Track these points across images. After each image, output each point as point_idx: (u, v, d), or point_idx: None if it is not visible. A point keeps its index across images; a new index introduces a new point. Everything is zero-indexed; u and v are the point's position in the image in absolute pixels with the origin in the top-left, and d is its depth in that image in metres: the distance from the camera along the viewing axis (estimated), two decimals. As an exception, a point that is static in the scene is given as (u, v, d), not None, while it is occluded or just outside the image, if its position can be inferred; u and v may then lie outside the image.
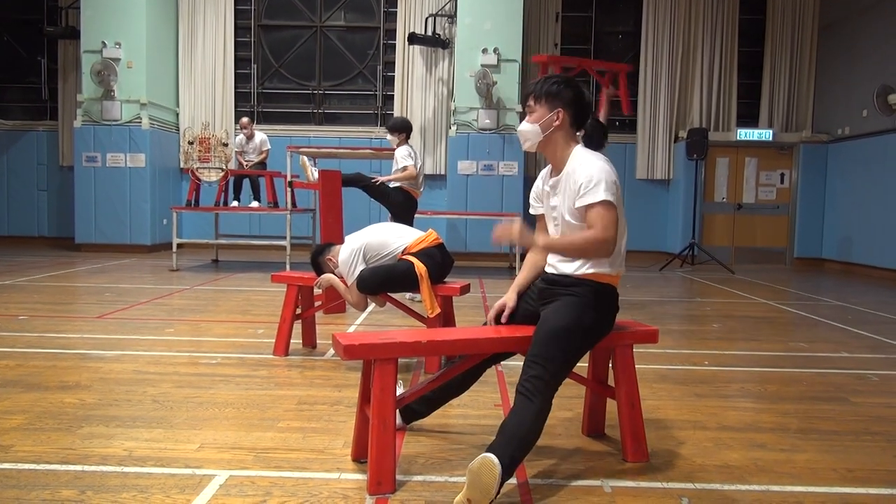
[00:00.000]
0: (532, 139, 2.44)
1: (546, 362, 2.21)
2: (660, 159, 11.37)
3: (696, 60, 11.22)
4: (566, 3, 11.48)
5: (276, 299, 5.99)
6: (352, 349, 2.20)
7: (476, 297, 6.59)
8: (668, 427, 2.89)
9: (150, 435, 2.63)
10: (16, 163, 11.70)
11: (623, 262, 2.45)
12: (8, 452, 2.42)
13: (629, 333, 2.53)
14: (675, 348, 4.52)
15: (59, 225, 11.59)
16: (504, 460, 2.00)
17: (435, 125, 11.23)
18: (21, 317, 5.05)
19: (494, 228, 2.42)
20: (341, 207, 5.75)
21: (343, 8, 11.69)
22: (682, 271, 9.82)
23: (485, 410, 3.06)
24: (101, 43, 10.22)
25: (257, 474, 2.29)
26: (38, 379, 3.39)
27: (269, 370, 3.70)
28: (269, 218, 10.84)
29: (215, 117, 11.32)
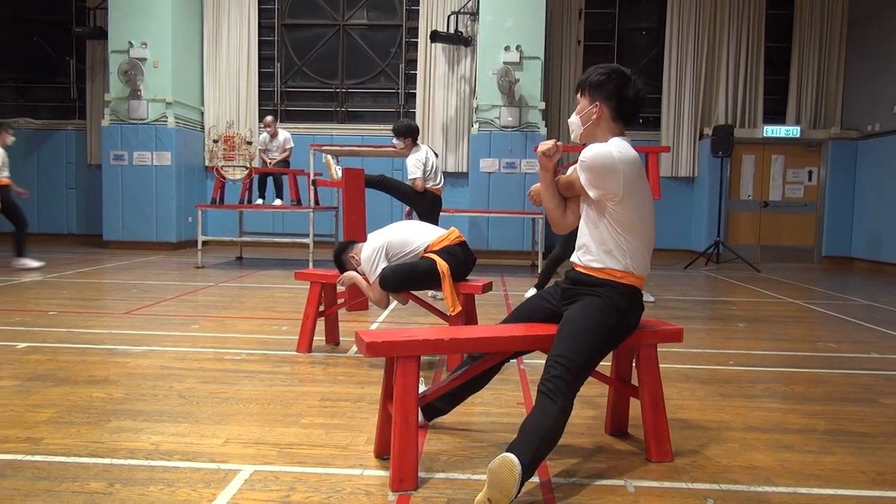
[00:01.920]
0: (575, 130, 2.49)
1: (568, 362, 2.19)
2: (684, 157, 11.25)
3: (722, 56, 11.07)
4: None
5: (300, 296, 6.03)
6: (374, 346, 2.21)
7: (498, 295, 6.58)
8: (693, 427, 2.87)
9: (177, 429, 2.67)
10: (45, 161, 11.92)
11: (648, 263, 2.44)
12: (39, 445, 2.47)
13: (653, 332, 2.51)
14: (699, 348, 4.48)
15: (87, 222, 11.79)
16: (524, 460, 1.99)
17: (457, 123, 11.23)
18: (51, 312, 5.14)
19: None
20: (364, 205, 5.77)
21: (365, 6, 11.73)
22: (707, 270, 9.71)
23: (507, 408, 3.06)
24: (128, 43, 10.37)
25: (281, 469, 2.31)
26: (67, 373, 3.46)
27: (293, 367, 3.73)
28: (292, 216, 10.93)
29: (239, 116, 11.43)
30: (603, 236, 2.38)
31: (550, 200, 2.53)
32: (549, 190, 2.52)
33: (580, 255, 2.46)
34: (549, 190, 2.52)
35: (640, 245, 2.39)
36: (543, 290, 2.64)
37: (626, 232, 2.36)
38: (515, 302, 6.11)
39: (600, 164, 2.31)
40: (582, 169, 2.36)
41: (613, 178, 2.31)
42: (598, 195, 2.34)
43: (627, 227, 2.35)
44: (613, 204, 2.33)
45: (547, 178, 2.51)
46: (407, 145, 6.33)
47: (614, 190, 2.31)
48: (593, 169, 2.33)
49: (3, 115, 11.94)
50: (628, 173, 2.32)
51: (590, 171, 2.33)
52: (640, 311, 2.44)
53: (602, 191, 2.32)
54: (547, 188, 2.52)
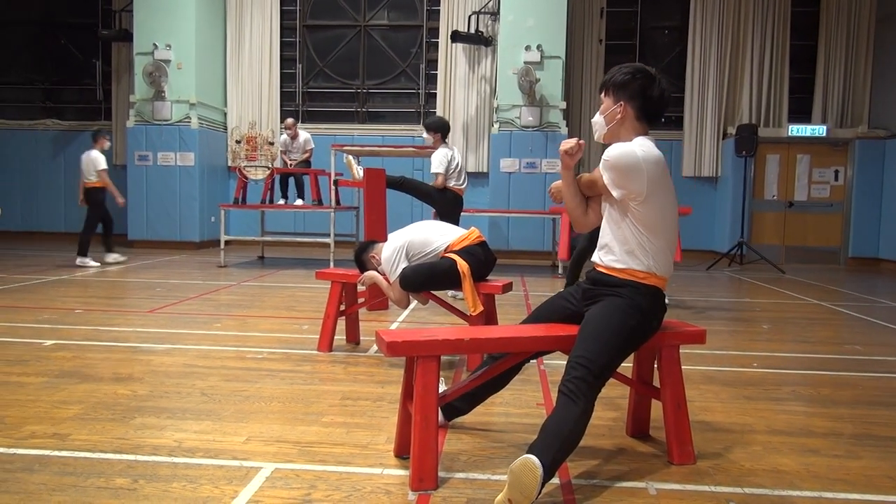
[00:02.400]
0: (599, 130, 2.48)
1: (590, 363, 2.18)
2: (707, 156, 11.13)
3: (746, 55, 10.93)
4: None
5: (320, 296, 6.07)
6: (395, 346, 2.22)
7: (518, 296, 6.56)
8: (716, 430, 2.83)
9: (199, 427, 2.70)
10: (72, 162, 12.07)
11: (671, 264, 2.41)
12: (65, 441, 2.51)
13: (675, 334, 2.49)
14: (722, 349, 4.42)
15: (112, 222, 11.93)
16: (545, 461, 1.98)
17: (477, 123, 11.22)
18: (77, 310, 5.23)
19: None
20: (385, 205, 5.80)
21: (386, 7, 11.76)
22: (730, 271, 9.60)
23: (527, 409, 3.05)
24: (153, 45, 10.50)
25: (302, 468, 2.32)
26: (93, 371, 3.51)
27: (314, 365, 3.75)
28: (313, 216, 10.99)
29: (262, 116, 11.52)
30: (625, 236, 2.36)
31: (572, 199, 2.52)
32: (571, 189, 2.51)
33: (602, 255, 2.44)
34: (570, 188, 2.51)
35: (664, 245, 2.37)
36: (564, 291, 2.63)
37: (650, 232, 2.33)
38: (535, 302, 6.09)
39: (624, 164, 2.30)
40: (605, 168, 2.34)
41: (637, 177, 2.29)
42: (621, 195, 2.32)
43: (651, 228, 2.33)
44: (637, 204, 2.31)
45: (569, 177, 2.50)
46: (436, 140, 6.39)
47: (638, 190, 2.29)
48: (617, 168, 2.31)
49: (32, 115, 12.18)
50: (652, 173, 2.30)
51: (613, 170, 2.32)
52: (662, 313, 2.41)
53: (625, 190, 2.31)
54: (569, 187, 2.51)
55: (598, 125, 2.47)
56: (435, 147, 6.41)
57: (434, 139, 6.41)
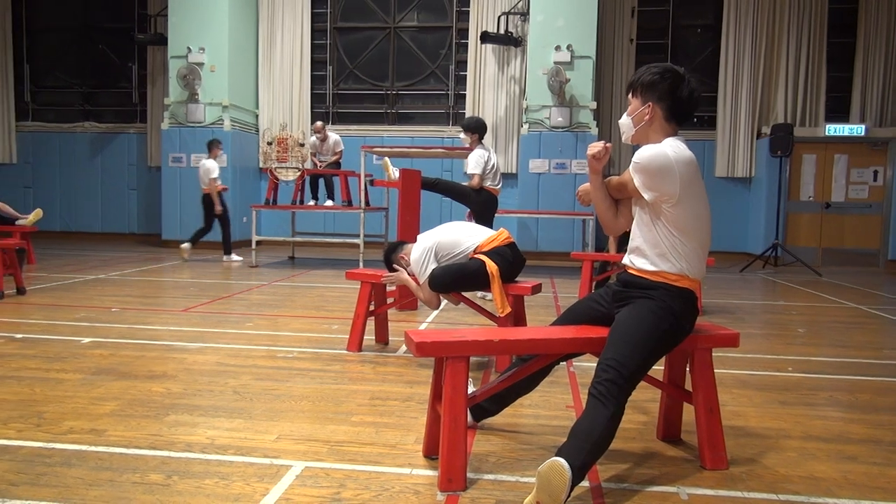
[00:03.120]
0: (626, 132, 2.44)
1: (620, 366, 2.16)
2: (741, 156, 10.95)
3: (781, 53, 10.72)
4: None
5: (350, 296, 6.11)
6: (424, 346, 2.22)
7: (547, 297, 6.52)
8: (749, 435, 2.78)
9: (231, 424, 2.74)
10: (109, 163, 12.39)
11: (704, 266, 2.38)
12: (101, 436, 2.57)
13: (708, 337, 2.45)
14: (756, 353, 4.34)
15: (147, 222, 12.20)
16: (575, 464, 1.97)
17: (507, 124, 11.19)
18: (113, 309, 5.34)
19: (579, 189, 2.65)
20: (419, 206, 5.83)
21: (416, 8, 11.80)
22: (765, 273, 9.42)
23: (556, 411, 3.03)
24: (187, 48, 10.69)
25: (331, 466, 2.34)
26: (128, 368, 3.58)
27: (343, 365, 3.78)
28: (343, 216, 11.08)
29: (292, 118, 11.65)
30: (657, 239, 2.33)
31: (601, 203, 2.49)
32: (600, 192, 2.49)
33: (633, 258, 2.41)
34: (599, 192, 2.49)
35: (697, 247, 2.33)
36: (594, 293, 2.61)
37: (682, 234, 2.30)
38: (565, 304, 6.05)
39: (655, 166, 2.27)
40: (636, 171, 2.31)
41: (669, 179, 2.26)
42: (653, 197, 2.29)
43: (683, 229, 2.30)
44: (669, 206, 2.28)
45: (597, 181, 2.48)
46: (473, 140, 6.40)
47: (670, 191, 2.26)
48: (648, 170, 2.28)
49: (70, 118, 12.48)
50: (685, 174, 2.27)
51: (644, 172, 2.29)
52: (694, 315, 2.38)
53: (657, 193, 2.28)
54: (597, 191, 2.49)
55: (626, 127, 2.44)
56: (472, 148, 6.42)
57: (471, 139, 6.42)
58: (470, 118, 6.77)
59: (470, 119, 6.71)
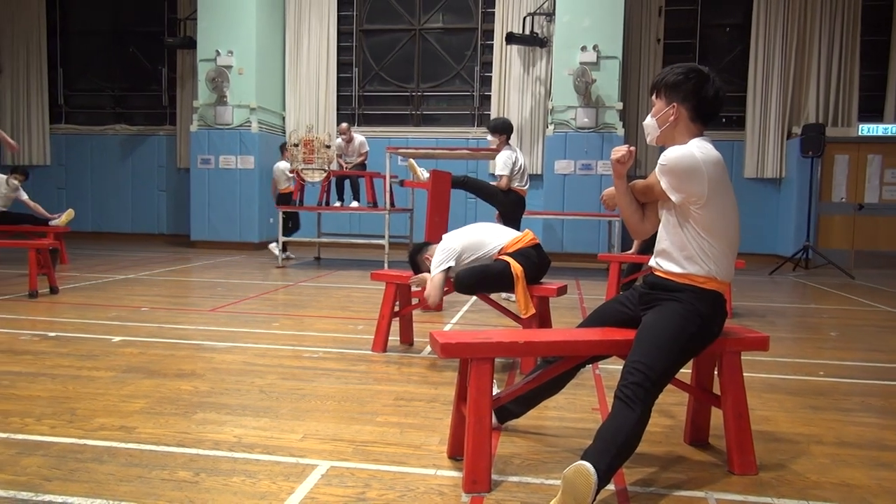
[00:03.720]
0: (651, 133, 2.42)
1: (647, 369, 2.14)
2: (770, 157, 10.78)
3: (813, 51, 10.53)
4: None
5: (375, 296, 6.14)
6: (449, 348, 2.22)
7: (573, 299, 6.49)
8: (779, 440, 2.74)
9: (258, 423, 2.76)
10: (139, 165, 12.61)
11: (732, 268, 2.34)
12: (131, 433, 2.61)
13: (737, 340, 2.41)
14: (786, 357, 4.27)
15: (176, 223, 12.39)
16: (600, 467, 1.95)
17: (532, 125, 11.16)
18: (143, 308, 5.43)
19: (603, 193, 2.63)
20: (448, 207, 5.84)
21: (441, 10, 11.82)
22: (795, 275, 9.26)
23: (582, 414, 3.01)
24: (216, 52, 10.84)
25: (356, 466, 2.35)
26: (158, 366, 3.64)
27: (368, 365, 3.79)
28: (368, 217, 11.13)
29: (318, 120, 11.74)
30: (684, 241, 2.30)
31: (627, 207, 2.47)
32: (626, 196, 2.46)
33: (659, 261, 2.39)
34: (625, 196, 2.46)
35: (726, 249, 2.30)
36: (621, 295, 2.59)
37: (711, 236, 2.27)
38: (590, 306, 6.01)
39: (683, 167, 2.24)
40: (662, 173, 2.29)
41: (697, 180, 2.23)
42: (680, 199, 2.26)
43: (712, 231, 2.27)
44: (697, 207, 2.26)
45: (622, 185, 2.45)
46: (501, 142, 6.40)
47: (699, 192, 2.24)
48: (675, 172, 2.25)
49: (102, 121, 12.73)
50: (713, 174, 2.24)
51: (671, 174, 2.26)
52: (723, 318, 2.35)
53: (685, 194, 2.25)
54: (623, 195, 2.47)
55: (651, 128, 2.42)
56: (499, 149, 6.41)
57: (499, 141, 6.41)
58: (496, 119, 6.76)
59: (497, 120, 6.70)
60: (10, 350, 3.93)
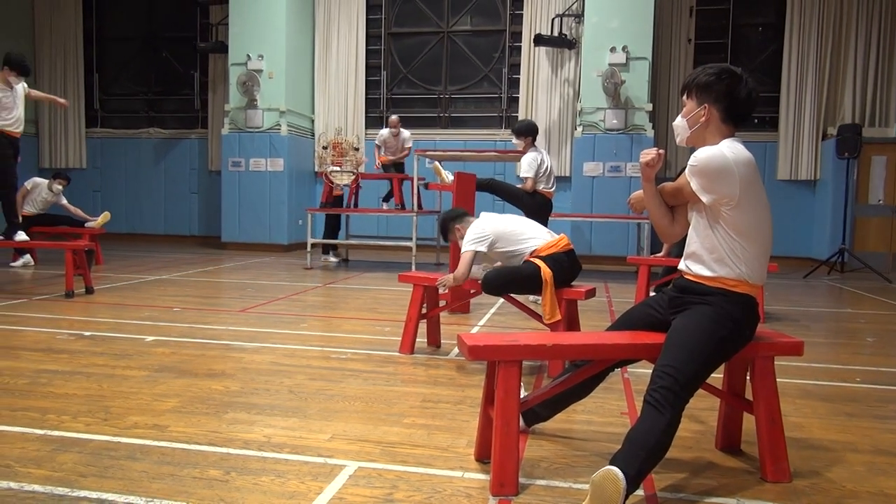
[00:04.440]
0: (681, 134, 2.40)
1: (677, 373, 2.11)
2: (805, 158, 10.57)
3: (849, 50, 10.30)
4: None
5: (402, 298, 6.15)
6: (476, 350, 2.22)
7: (601, 302, 6.43)
8: (814, 447, 2.68)
9: (287, 423, 2.79)
10: (172, 168, 12.83)
11: (765, 271, 2.30)
12: (164, 432, 2.65)
13: (770, 345, 2.37)
14: (821, 362, 4.18)
15: (207, 225, 12.57)
16: (629, 472, 1.93)
17: (560, 126, 11.10)
18: (175, 308, 5.52)
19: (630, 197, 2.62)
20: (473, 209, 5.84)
21: (469, 12, 11.83)
22: (830, 279, 9.06)
23: (610, 418, 2.98)
24: (246, 56, 10.98)
25: (384, 467, 2.36)
26: (189, 366, 3.69)
27: (395, 367, 3.81)
28: (395, 219, 11.17)
29: (347, 123, 11.82)
30: (714, 244, 2.27)
31: (657, 210, 2.45)
32: (655, 200, 2.44)
33: (689, 264, 2.36)
34: (654, 200, 2.44)
35: (758, 251, 2.26)
36: (650, 298, 2.56)
37: (743, 238, 2.24)
38: (619, 309, 5.96)
39: (714, 168, 2.21)
40: (693, 174, 2.26)
41: (729, 181, 2.20)
42: (711, 200, 2.23)
43: (744, 233, 2.24)
44: (728, 209, 2.22)
45: (650, 189, 2.43)
46: (526, 143, 6.39)
47: (730, 193, 2.20)
48: (705, 173, 2.23)
49: (136, 125, 12.99)
50: (744, 175, 2.21)
51: (702, 175, 2.24)
52: (755, 322, 2.31)
53: (716, 195, 2.22)
54: (652, 198, 2.44)
55: (681, 129, 2.39)
56: (524, 151, 6.40)
57: (524, 143, 6.40)
58: (521, 122, 6.74)
59: (521, 123, 6.68)
60: (48, 349, 4.03)
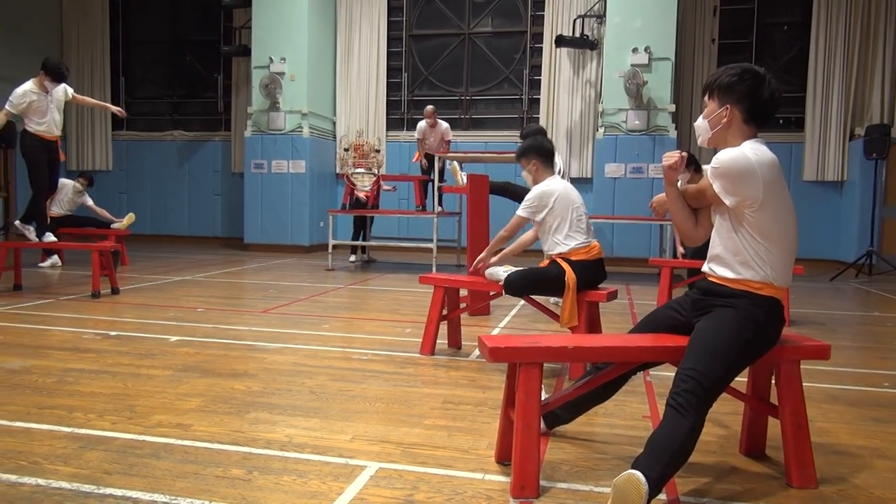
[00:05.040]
0: (703, 135, 2.38)
1: (701, 376, 2.09)
2: (831, 159, 10.40)
3: (878, 48, 10.12)
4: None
5: (423, 300, 6.16)
6: (497, 352, 2.21)
7: (623, 304, 6.39)
8: (841, 452, 2.63)
9: (308, 424, 2.81)
10: (196, 170, 12.98)
11: (790, 274, 2.27)
12: (188, 431, 2.68)
13: (795, 348, 2.34)
14: (848, 366, 4.11)
15: (230, 226, 12.69)
16: (652, 476, 1.91)
17: (581, 127, 11.05)
18: (199, 309, 5.58)
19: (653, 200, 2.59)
20: (488, 211, 5.84)
21: (491, 14, 11.82)
22: (857, 282, 8.91)
23: (632, 421, 2.96)
24: (269, 59, 11.08)
25: (404, 468, 2.37)
26: (212, 366, 3.73)
27: (416, 368, 3.81)
28: (416, 221, 11.19)
29: (368, 125, 11.87)
30: (738, 246, 2.24)
31: (680, 213, 2.42)
32: (678, 203, 2.42)
33: (713, 266, 2.34)
34: (677, 203, 2.42)
35: (783, 254, 2.23)
36: (672, 301, 2.54)
37: (767, 240, 2.21)
38: (641, 312, 5.91)
39: (736, 170, 2.19)
40: (715, 176, 2.24)
41: (751, 182, 2.17)
42: (734, 202, 2.21)
43: (768, 235, 2.21)
44: (752, 210, 2.20)
45: (673, 192, 2.41)
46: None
47: (753, 195, 2.18)
48: (728, 175, 2.20)
49: (161, 127, 13.16)
50: (768, 176, 2.18)
51: (724, 177, 2.21)
52: (780, 325, 2.28)
53: (739, 197, 2.19)
54: (675, 201, 2.42)
55: (702, 130, 2.37)
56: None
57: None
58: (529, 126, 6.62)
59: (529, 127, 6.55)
60: (75, 348, 4.10)
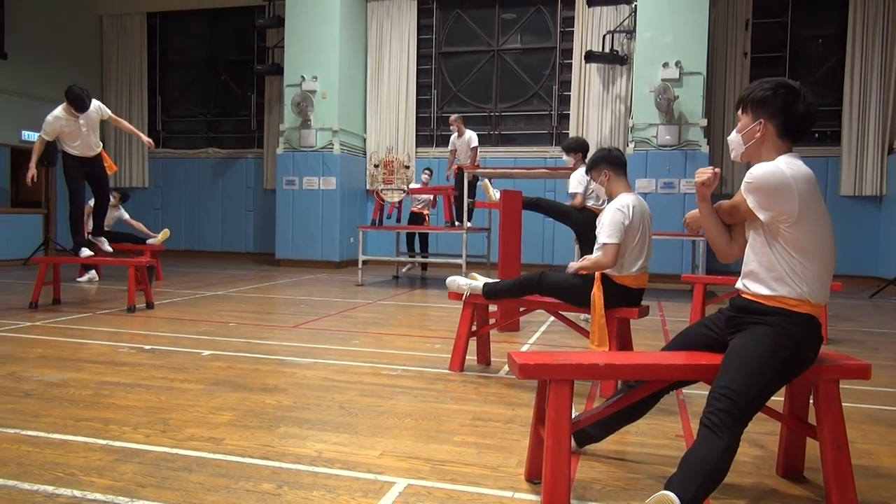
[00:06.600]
0: (736, 149, 2.35)
1: (736, 395, 2.04)
2: (870, 173, 10.17)
3: (916, 61, 9.91)
4: (757, 8, 10.72)
5: (452, 315, 6.15)
6: (527, 368, 2.20)
7: (655, 321, 6.30)
8: (883, 475, 2.55)
9: (338, 439, 2.82)
10: (229, 187, 13.22)
11: (827, 291, 2.22)
12: (219, 444, 2.71)
13: (834, 367, 2.28)
14: (890, 386, 3.99)
15: (262, 242, 12.87)
16: (685, 497, 1.87)
17: (611, 143, 10.98)
18: (231, 324, 5.65)
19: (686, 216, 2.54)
20: (520, 227, 5.83)
21: (520, 31, 11.87)
22: (898, 299, 8.66)
23: (665, 440, 2.91)
24: (301, 77, 11.27)
25: (433, 485, 2.35)
26: (244, 380, 3.77)
27: (445, 384, 3.80)
28: (446, 236, 11.22)
29: (398, 141, 11.98)
30: (773, 262, 2.20)
31: (714, 230, 2.39)
32: (711, 219, 2.38)
33: (747, 283, 2.29)
34: (710, 219, 2.38)
35: (819, 270, 2.18)
36: (706, 318, 2.49)
37: (803, 256, 2.16)
38: (673, 329, 5.82)
39: (771, 184, 2.15)
40: (749, 191, 2.20)
41: (787, 197, 2.13)
42: (769, 217, 2.17)
43: (804, 251, 2.16)
44: (788, 226, 2.16)
45: (706, 208, 2.38)
46: (577, 160, 6.35)
47: (789, 210, 2.14)
48: (762, 190, 2.16)
49: (196, 145, 13.45)
50: (804, 191, 2.14)
51: (758, 192, 2.17)
52: (818, 343, 2.22)
53: (774, 212, 2.16)
54: (708, 218, 2.39)
55: (735, 144, 2.34)
56: (574, 167, 6.36)
57: (575, 160, 6.36)
58: (572, 139, 6.71)
59: (571, 140, 6.65)
60: (111, 361, 4.18)
